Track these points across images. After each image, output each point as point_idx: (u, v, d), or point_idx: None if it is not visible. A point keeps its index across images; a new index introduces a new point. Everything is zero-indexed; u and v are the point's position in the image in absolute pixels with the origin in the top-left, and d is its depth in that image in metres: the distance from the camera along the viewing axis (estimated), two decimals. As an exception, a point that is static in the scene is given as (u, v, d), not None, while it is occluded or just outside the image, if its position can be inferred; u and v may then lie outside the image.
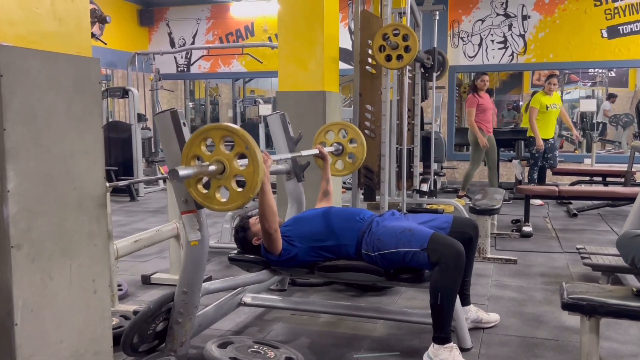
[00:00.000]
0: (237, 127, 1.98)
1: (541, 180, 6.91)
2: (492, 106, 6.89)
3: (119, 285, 3.32)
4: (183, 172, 1.83)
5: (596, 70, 11.25)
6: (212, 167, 1.93)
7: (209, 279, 3.46)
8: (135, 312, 2.66)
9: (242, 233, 2.75)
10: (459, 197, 6.81)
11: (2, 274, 1.49)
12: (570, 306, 1.84)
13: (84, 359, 1.74)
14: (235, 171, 1.95)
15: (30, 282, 1.54)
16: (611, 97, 11.28)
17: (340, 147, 3.38)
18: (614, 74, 11.50)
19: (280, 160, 3.21)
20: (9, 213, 1.47)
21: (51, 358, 1.62)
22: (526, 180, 6.88)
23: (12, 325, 1.49)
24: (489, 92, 6.97)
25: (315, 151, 3.11)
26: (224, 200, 2.00)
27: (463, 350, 2.43)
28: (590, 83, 12.12)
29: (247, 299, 2.88)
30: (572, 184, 7.11)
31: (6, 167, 1.46)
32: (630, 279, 3.33)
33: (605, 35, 8.35)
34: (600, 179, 7.08)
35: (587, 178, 7.25)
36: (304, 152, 2.99)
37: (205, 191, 2.01)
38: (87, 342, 1.75)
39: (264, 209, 2.39)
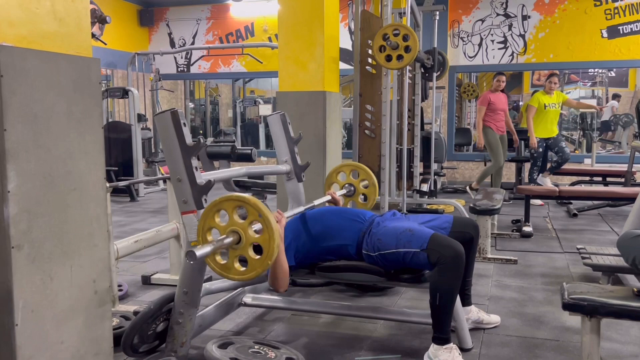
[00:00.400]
0: (248, 196, 1.99)
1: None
2: (504, 106, 6.90)
3: (119, 286, 3.32)
4: (200, 252, 1.80)
5: (596, 70, 11.25)
6: (228, 239, 1.93)
7: (209, 279, 3.46)
8: (135, 313, 2.65)
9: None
10: (472, 188, 6.86)
11: (3, 275, 1.48)
12: (571, 306, 1.84)
13: (84, 359, 1.74)
14: (251, 240, 1.95)
15: (30, 282, 1.54)
16: (616, 97, 11.26)
17: (352, 189, 3.39)
18: (614, 74, 11.50)
19: (281, 160, 3.21)
20: (10, 214, 1.47)
21: (51, 359, 1.62)
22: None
23: (12, 325, 1.49)
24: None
25: (328, 197, 3.09)
26: (243, 269, 2.00)
27: (463, 350, 2.43)
28: (590, 83, 12.12)
29: (248, 299, 2.87)
30: (572, 184, 7.11)
31: (7, 168, 1.46)
32: (631, 279, 3.33)
33: (605, 35, 8.36)
34: (600, 179, 7.08)
35: (587, 178, 7.25)
36: (317, 202, 2.95)
37: (223, 262, 2.01)
38: (88, 343, 1.75)
39: (276, 269, 2.33)
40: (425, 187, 5.83)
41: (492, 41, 8.85)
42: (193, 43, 10.21)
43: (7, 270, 1.48)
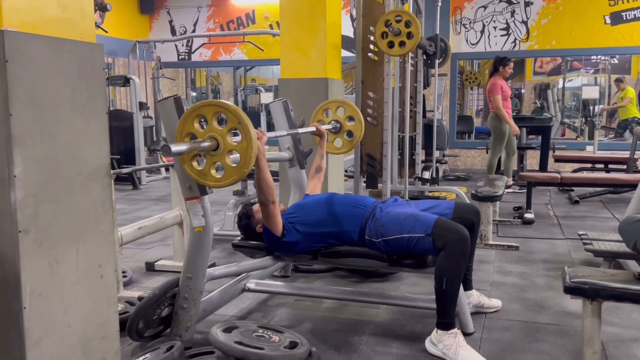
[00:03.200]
0: (229, 103, 1.99)
1: (543, 167, 6.91)
2: (510, 92, 6.82)
3: (124, 272, 3.34)
4: (176, 148, 1.84)
5: (599, 57, 11.19)
6: (206, 143, 1.94)
7: (213, 265, 3.48)
8: (140, 298, 2.68)
9: (245, 220, 2.77)
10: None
11: (11, 259, 1.50)
12: (573, 290, 1.85)
13: (91, 343, 1.76)
14: (229, 147, 1.96)
15: (37, 266, 1.56)
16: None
17: (338, 125, 3.38)
18: (617, 61, 11.44)
19: (283, 148, 3.22)
20: (16, 198, 1.48)
21: (59, 342, 1.64)
22: None
23: (20, 309, 1.51)
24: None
25: (312, 128, 3.12)
26: (219, 176, 2.01)
27: (465, 334, 2.45)
28: (592, 70, 12.06)
29: (251, 284, 2.90)
30: (574, 171, 7.11)
31: (13, 153, 1.47)
32: (632, 265, 3.34)
33: (608, 21, 8.31)
34: (602, 166, 7.07)
35: (589, 165, 7.25)
36: (301, 130, 2.99)
37: (199, 168, 2.02)
38: (95, 327, 1.77)
39: (260, 183, 2.39)
40: (427, 175, 5.84)
41: (495, 28, 8.81)
42: (194, 31, 10.17)
43: (14, 255, 1.50)
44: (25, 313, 1.52)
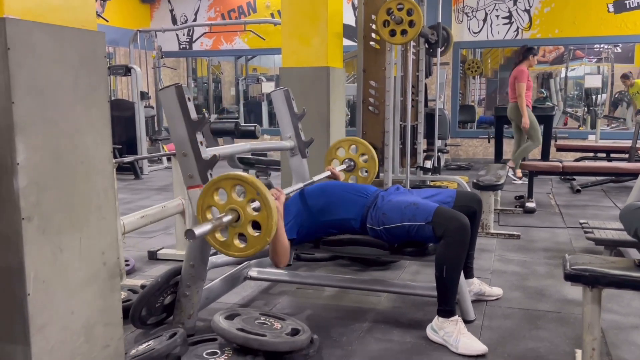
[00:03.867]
0: (246, 174, 2.02)
1: (545, 156, 6.89)
2: (532, 83, 6.80)
3: (126, 261, 3.36)
4: (199, 230, 1.84)
5: (602, 45, 11.14)
6: (227, 218, 1.96)
7: (215, 254, 3.50)
8: (143, 286, 2.70)
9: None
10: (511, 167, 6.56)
11: (14, 246, 1.51)
12: (573, 277, 1.86)
13: (94, 330, 1.77)
14: (250, 217, 1.98)
15: (41, 253, 1.57)
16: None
17: (352, 163, 3.39)
18: (620, 50, 11.38)
19: (285, 137, 3.22)
20: (19, 186, 1.49)
21: (63, 328, 1.65)
22: None
23: (24, 295, 1.52)
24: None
25: (327, 173, 3.10)
26: (242, 246, 2.03)
27: (466, 322, 2.46)
28: (595, 59, 12.01)
29: (253, 273, 2.91)
30: (576, 160, 7.10)
31: (15, 141, 1.47)
32: (633, 253, 3.35)
33: (611, 9, 8.26)
34: (604, 155, 7.07)
35: (591, 154, 7.24)
36: (316, 177, 2.96)
37: (223, 239, 2.03)
38: (98, 314, 1.78)
39: (276, 245, 2.35)
40: (428, 164, 5.84)
41: (497, 16, 8.77)
42: (195, 20, 10.14)
43: (18, 242, 1.51)
44: (29, 299, 1.53)
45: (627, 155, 6.39)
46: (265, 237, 1.97)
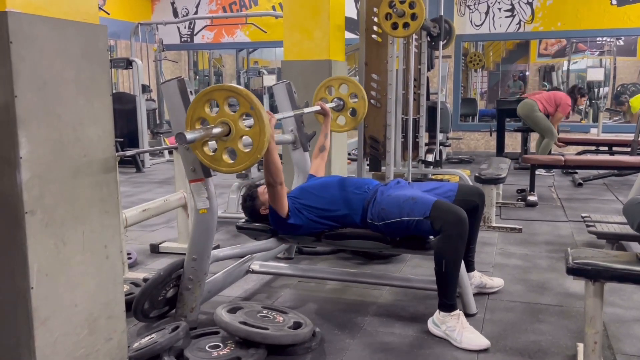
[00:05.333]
0: (240, 87, 1.97)
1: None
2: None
3: (128, 254, 3.37)
4: (190, 135, 1.84)
5: (604, 38, 11.08)
6: (218, 129, 1.93)
7: (217, 247, 3.51)
8: (145, 280, 2.71)
9: (250, 202, 2.78)
10: None
11: (18, 239, 1.51)
12: (575, 271, 1.86)
13: (97, 322, 1.78)
14: (241, 132, 1.95)
15: (44, 247, 1.57)
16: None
17: (342, 103, 3.37)
18: (622, 43, 11.33)
19: (286, 130, 3.21)
20: (22, 179, 1.49)
21: (66, 321, 1.66)
22: None
23: (28, 288, 1.53)
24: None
25: (317, 108, 3.10)
26: (231, 161, 2.01)
27: (468, 315, 2.47)
28: (598, 52, 11.96)
29: (255, 266, 2.92)
30: (578, 153, 7.08)
31: (18, 134, 1.47)
32: (635, 246, 3.35)
33: (614, 2, 8.21)
34: (606, 148, 7.04)
35: (593, 148, 7.22)
36: (306, 110, 2.98)
37: (212, 153, 2.02)
38: (101, 307, 1.79)
39: (269, 165, 2.39)
40: (430, 157, 5.83)
41: (499, 9, 8.73)
42: (196, 12, 10.10)
43: (21, 235, 1.51)
44: (32, 292, 1.54)
45: (629, 149, 6.37)
46: (256, 154, 1.93)
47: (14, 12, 1.45)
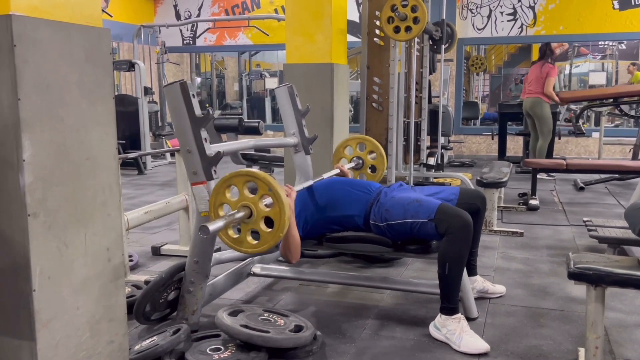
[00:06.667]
0: (257, 171, 2.02)
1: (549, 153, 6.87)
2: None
3: (130, 256, 3.37)
4: (213, 227, 1.84)
5: (606, 42, 11.09)
6: (240, 214, 1.97)
7: (218, 250, 3.51)
8: (147, 282, 2.71)
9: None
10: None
11: (20, 242, 1.52)
12: (577, 275, 1.86)
13: (99, 325, 1.78)
14: (262, 213, 1.98)
15: (46, 249, 1.57)
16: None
17: (360, 161, 3.39)
18: (624, 47, 11.33)
19: (288, 133, 3.22)
20: (25, 182, 1.50)
21: (68, 323, 1.66)
22: None
23: (30, 291, 1.53)
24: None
25: (337, 171, 3.10)
26: (255, 242, 2.03)
27: (469, 319, 2.47)
28: (600, 56, 11.96)
29: (257, 269, 2.92)
30: (583, 109, 6.82)
31: (22, 137, 1.48)
32: (637, 251, 3.35)
33: (616, 6, 8.22)
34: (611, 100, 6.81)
35: (597, 102, 7.03)
36: (325, 175, 2.96)
37: (236, 236, 2.04)
38: (102, 309, 1.79)
39: (289, 241, 2.35)
40: (432, 161, 5.83)
41: (502, 13, 8.74)
42: (199, 15, 10.13)
43: (24, 238, 1.51)
44: (34, 295, 1.54)
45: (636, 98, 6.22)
46: (278, 233, 1.97)
47: (17, 15, 1.45)
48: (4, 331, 1.59)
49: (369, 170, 3.42)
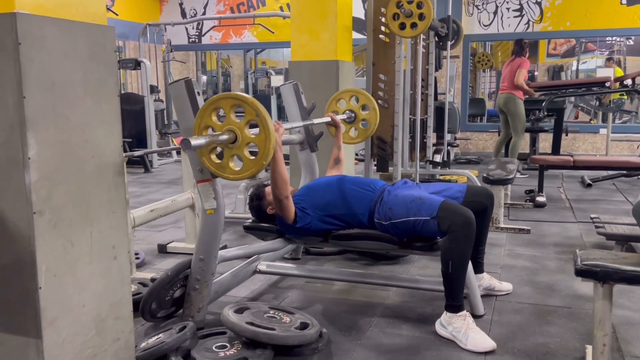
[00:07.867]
0: (246, 95, 1.99)
1: (555, 150, 6.83)
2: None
3: (136, 254, 3.38)
4: (195, 142, 1.86)
5: (614, 38, 11.00)
6: (224, 136, 1.95)
7: (224, 247, 3.51)
8: (153, 280, 2.71)
9: (256, 201, 2.78)
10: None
11: (26, 240, 1.52)
12: (584, 272, 1.85)
13: (105, 323, 1.79)
14: (247, 139, 1.96)
15: (52, 247, 1.58)
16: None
17: (353, 115, 3.38)
18: (632, 42, 11.24)
19: (294, 131, 3.21)
20: (31, 180, 1.50)
21: (74, 321, 1.66)
22: None
23: (36, 289, 1.54)
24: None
25: (328, 119, 3.11)
26: (237, 168, 2.02)
27: (475, 317, 2.46)
28: (607, 52, 11.87)
29: (262, 266, 2.92)
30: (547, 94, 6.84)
31: (27, 135, 1.48)
32: (645, 248, 3.33)
33: (624, 2, 8.15)
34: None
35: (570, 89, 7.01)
36: (317, 120, 2.99)
37: (218, 161, 2.03)
38: (108, 307, 1.80)
39: (276, 176, 2.41)
40: (438, 158, 5.81)
41: (508, 9, 8.69)
42: (204, 13, 10.14)
43: (30, 236, 1.52)
44: (40, 293, 1.54)
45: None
46: (262, 161, 1.95)
47: (22, 13, 1.45)
48: (10, 329, 1.60)
49: (361, 125, 3.40)
